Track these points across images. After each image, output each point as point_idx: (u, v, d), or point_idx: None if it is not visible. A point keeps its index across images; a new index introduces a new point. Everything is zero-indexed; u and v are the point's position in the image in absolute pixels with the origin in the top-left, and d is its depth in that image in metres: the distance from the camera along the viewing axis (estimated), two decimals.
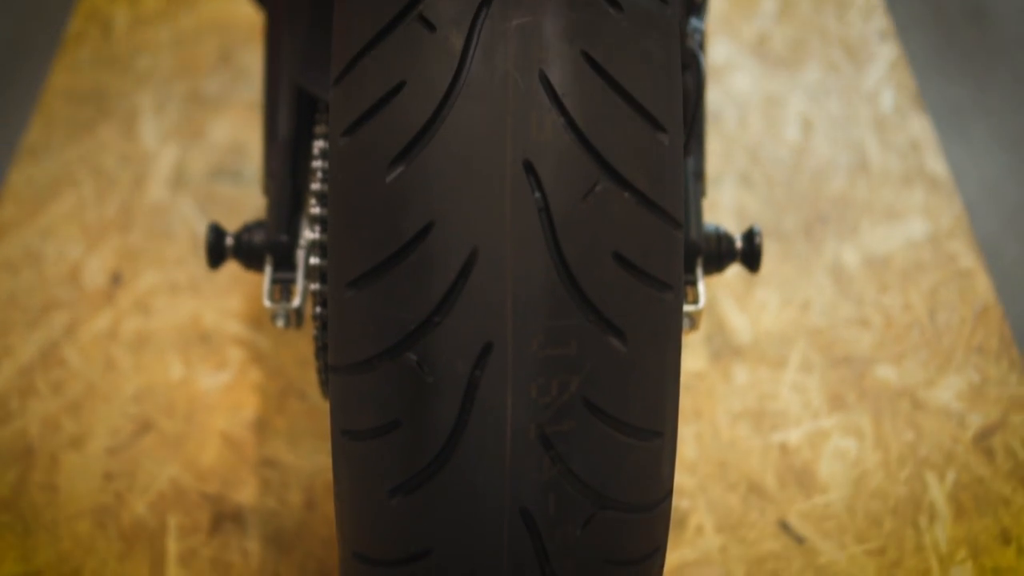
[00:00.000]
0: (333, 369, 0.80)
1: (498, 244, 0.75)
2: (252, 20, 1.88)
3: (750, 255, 1.10)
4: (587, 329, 0.76)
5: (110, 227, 1.60)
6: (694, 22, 1.10)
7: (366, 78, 0.80)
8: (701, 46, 1.10)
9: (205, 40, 1.87)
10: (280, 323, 1.06)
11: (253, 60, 1.83)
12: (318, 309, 1.00)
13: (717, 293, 1.51)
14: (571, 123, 0.77)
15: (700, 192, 1.12)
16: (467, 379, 0.75)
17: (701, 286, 1.07)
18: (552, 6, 0.79)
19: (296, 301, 1.06)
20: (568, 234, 0.76)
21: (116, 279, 1.53)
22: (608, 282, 0.77)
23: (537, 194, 0.76)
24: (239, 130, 1.73)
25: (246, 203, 1.63)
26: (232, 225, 1.57)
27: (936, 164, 1.71)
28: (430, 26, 0.78)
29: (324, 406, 1.37)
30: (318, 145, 1.03)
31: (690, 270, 1.07)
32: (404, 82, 0.78)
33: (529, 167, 0.76)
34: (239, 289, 1.50)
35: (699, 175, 1.12)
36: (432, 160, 0.76)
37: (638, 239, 0.78)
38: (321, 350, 1.01)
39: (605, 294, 0.77)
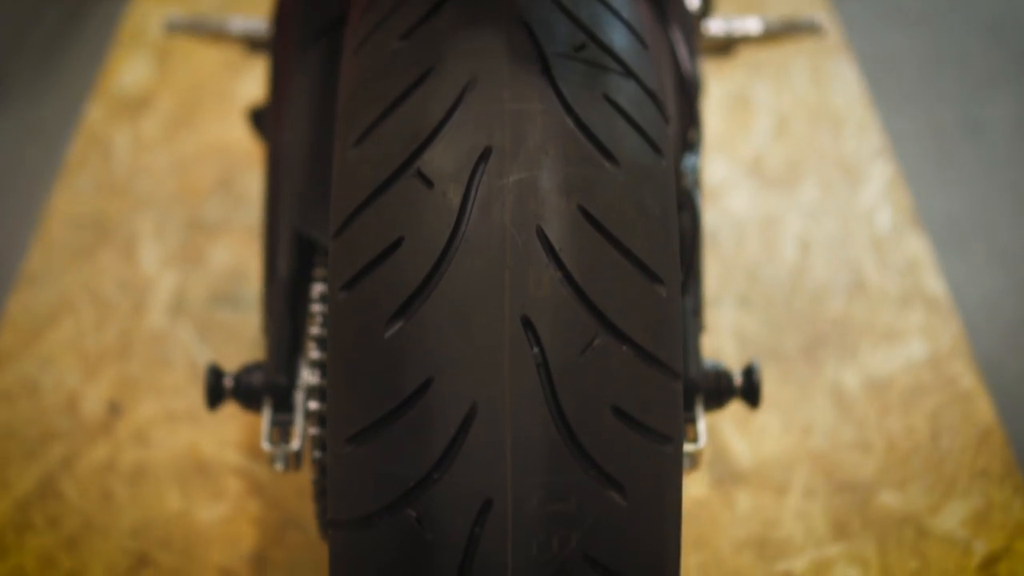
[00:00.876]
0: (333, 523, 0.79)
1: (497, 400, 0.75)
2: (252, 145, 1.90)
3: (749, 391, 1.10)
4: (587, 484, 0.75)
5: (108, 355, 1.59)
6: (689, 159, 1.11)
7: (364, 233, 0.80)
8: (696, 183, 1.11)
9: (205, 164, 1.89)
10: (279, 466, 1.06)
11: (253, 184, 1.85)
12: (317, 453, 0.99)
13: (717, 419, 1.50)
14: (568, 278, 0.77)
15: (698, 328, 1.12)
16: (467, 536, 0.75)
17: (701, 424, 1.06)
18: (548, 161, 0.79)
19: (295, 444, 1.05)
20: (567, 389, 0.76)
21: (114, 409, 1.52)
22: (607, 436, 0.76)
23: (536, 349, 0.76)
24: (238, 255, 1.74)
25: (245, 329, 1.63)
26: (231, 352, 1.57)
27: (934, 284, 1.71)
28: (428, 182, 0.79)
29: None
30: (317, 288, 1.03)
31: (689, 408, 1.07)
32: (402, 238, 0.78)
33: (527, 323, 0.76)
34: (237, 418, 1.50)
35: (697, 311, 1.12)
36: (431, 316, 0.76)
37: (637, 392, 0.77)
38: (320, 495, 1.00)
39: (604, 448, 0.76)
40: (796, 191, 1.87)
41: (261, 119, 1.36)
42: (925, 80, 2.25)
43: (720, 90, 2.04)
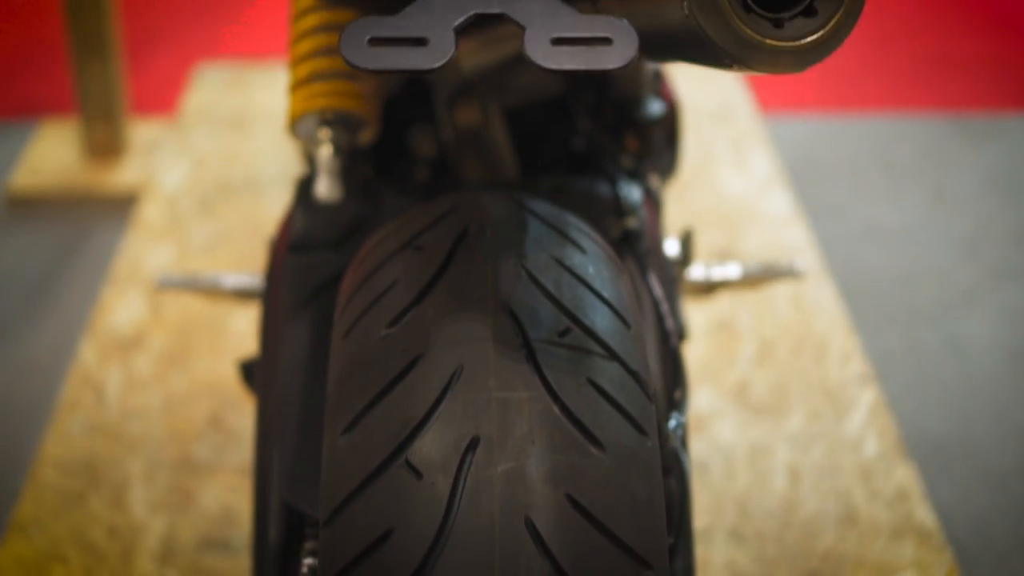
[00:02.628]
0: None
1: None
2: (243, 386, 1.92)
3: None
4: None
5: None
6: (675, 418, 1.13)
7: (355, 523, 0.81)
8: (683, 442, 1.12)
9: (196, 403, 1.90)
10: None
11: (244, 423, 1.86)
12: None
13: None
14: (557, 568, 0.78)
15: None
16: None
17: None
18: (536, 450, 0.81)
19: None
20: None
21: None
22: None
23: None
24: (229, 496, 1.74)
25: (237, 575, 1.62)
26: None
27: (924, 514, 1.72)
28: (417, 473, 0.80)
29: None
30: (307, 563, 1.04)
31: None
32: (392, 529, 0.79)
33: None
34: None
35: (688, 572, 1.12)
36: None
37: None
38: None
39: None
40: (783, 419, 1.88)
41: (251, 373, 1.38)
42: (904, 298, 2.30)
43: (703, 316, 2.07)
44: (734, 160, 2.58)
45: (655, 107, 1.45)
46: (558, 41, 0.79)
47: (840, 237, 2.46)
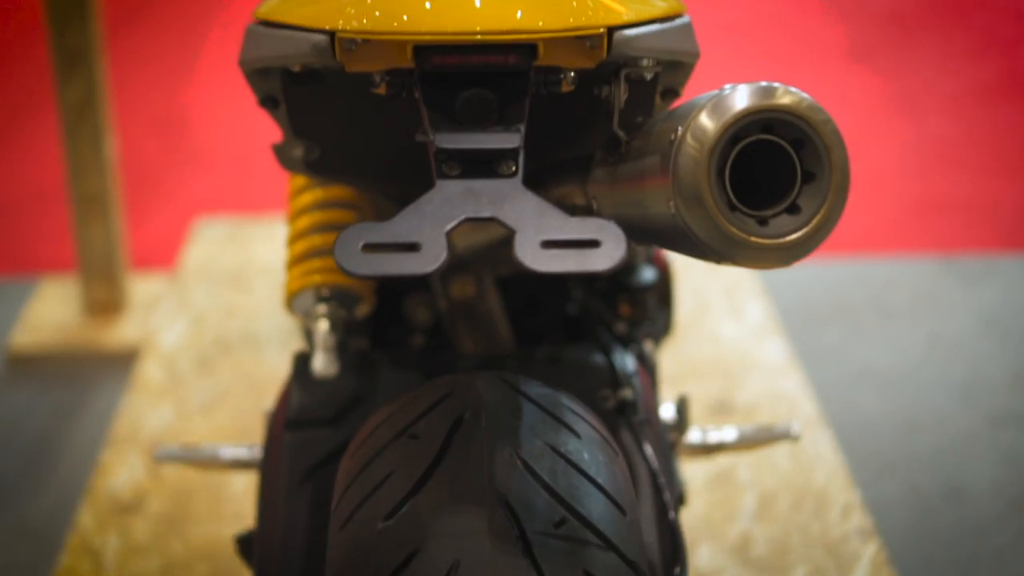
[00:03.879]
0: None
1: None
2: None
3: None
4: None
5: None
6: None
7: None
8: None
9: (195, 570, 1.89)
10: None
11: None
12: None
13: None
14: None
15: None
16: None
17: None
18: None
19: None
20: None
21: None
22: None
23: None
24: None
25: None
26: None
27: None
28: None
29: None
30: None
31: None
32: None
33: None
34: None
35: None
36: None
37: None
38: None
39: None
40: None
41: (249, 547, 1.38)
42: (902, 445, 2.30)
43: (701, 469, 2.07)
44: (728, 308, 2.60)
45: (647, 273, 1.47)
46: (548, 244, 0.81)
47: (836, 383, 2.46)
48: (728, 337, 2.50)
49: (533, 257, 0.80)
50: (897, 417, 2.38)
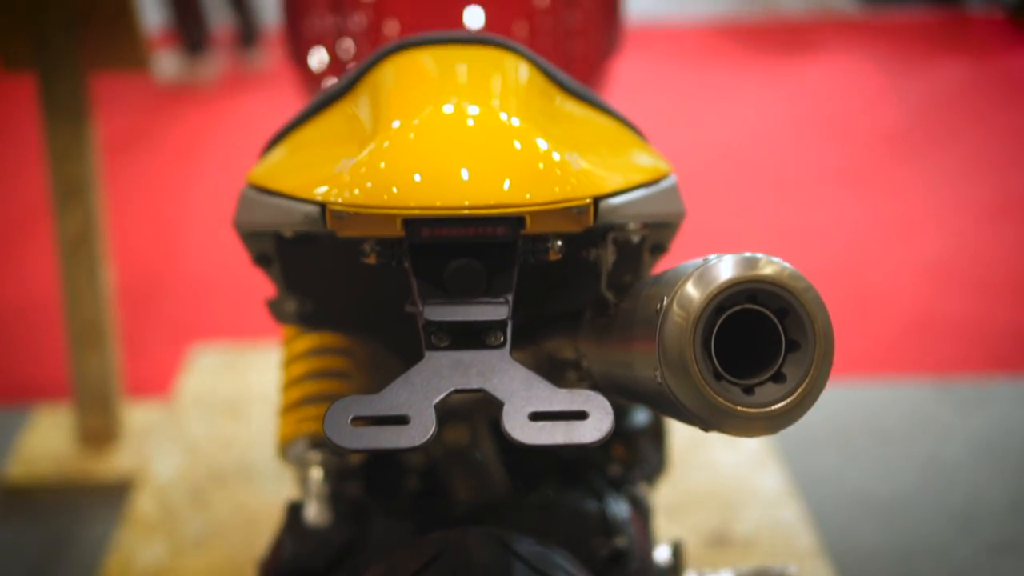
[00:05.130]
0: None
1: None
2: None
3: None
4: None
5: None
6: None
7: None
8: None
9: None
10: None
11: None
12: None
13: None
14: None
15: None
16: None
17: None
18: None
19: None
20: None
21: None
22: None
23: None
24: None
25: None
26: None
27: None
28: None
29: None
30: None
31: None
32: None
33: None
34: None
35: None
36: None
37: None
38: None
39: None
40: None
41: None
42: None
43: None
44: (725, 436, 2.59)
45: (641, 416, 1.48)
46: (536, 416, 0.82)
47: (834, 511, 2.45)
48: (725, 465, 2.50)
49: (521, 430, 0.81)
50: (896, 547, 2.36)
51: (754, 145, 4.52)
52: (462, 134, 0.90)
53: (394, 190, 0.89)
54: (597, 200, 0.93)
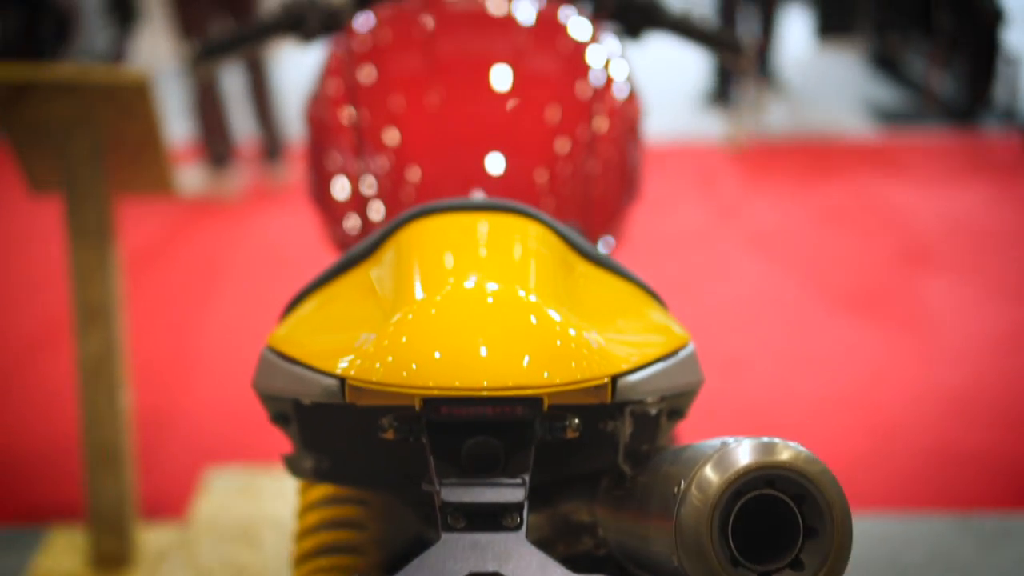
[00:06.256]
0: None
1: None
2: None
3: None
4: None
5: None
6: None
7: None
8: None
9: None
10: None
11: None
12: None
13: None
14: None
15: None
16: None
17: None
18: None
19: None
20: None
21: None
22: None
23: None
24: None
25: None
26: None
27: None
28: None
29: None
30: None
31: None
32: None
33: None
34: None
35: None
36: None
37: None
38: None
39: None
40: None
41: None
42: None
43: None
44: None
45: None
46: None
47: None
48: None
49: None
50: None
51: (769, 268, 4.53)
52: (482, 313, 0.91)
53: (414, 366, 0.89)
54: (615, 378, 0.93)
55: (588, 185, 1.53)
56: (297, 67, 1.79)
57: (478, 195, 1.44)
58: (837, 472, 0.86)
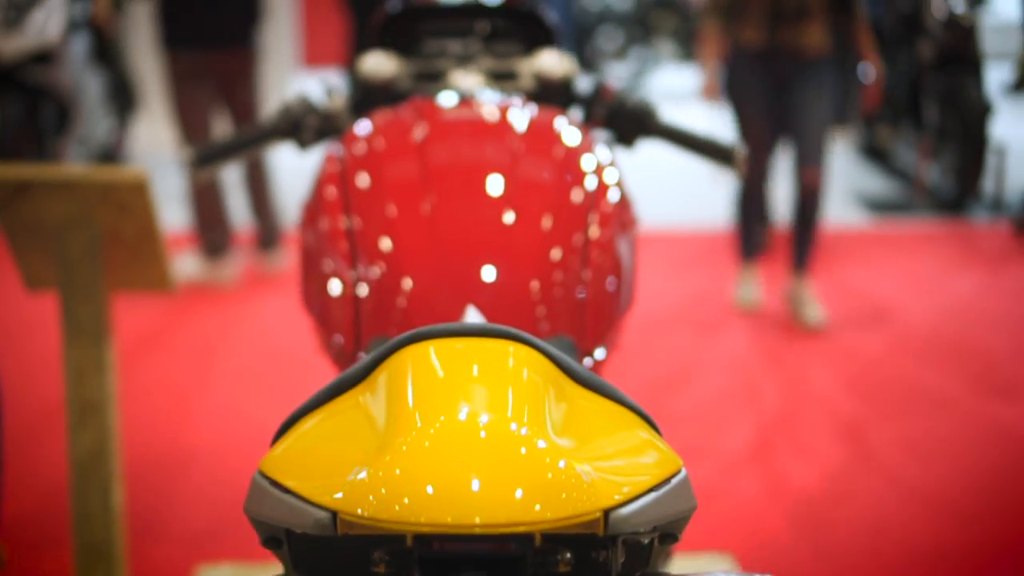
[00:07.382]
0: None
1: None
2: None
3: None
4: None
5: None
6: None
7: None
8: None
9: None
10: None
11: None
12: None
13: None
14: None
15: None
16: None
17: None
18: None
19: None
20: None
21: None
22: None
23: None
24: None
25: None
26: None
27: None
28: None
29: None
30: None
31: None
32: None
33: None
34: None
35: None
36: None
37: None
38: None
39: None
40: None
41: None
42: None
43: None
44: None
45: None
46: None
47: None
48: None
49: None
50: None
51: (753, 371, 4.54)
52: (474, 448, 0.92)
53: (406, 501, 0.90)
54: (608, 511, 0.94)
55: (582, 297, 1.55)
56: (295, 154, 1.83)
57: (471, 311, 1.46)
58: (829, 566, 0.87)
